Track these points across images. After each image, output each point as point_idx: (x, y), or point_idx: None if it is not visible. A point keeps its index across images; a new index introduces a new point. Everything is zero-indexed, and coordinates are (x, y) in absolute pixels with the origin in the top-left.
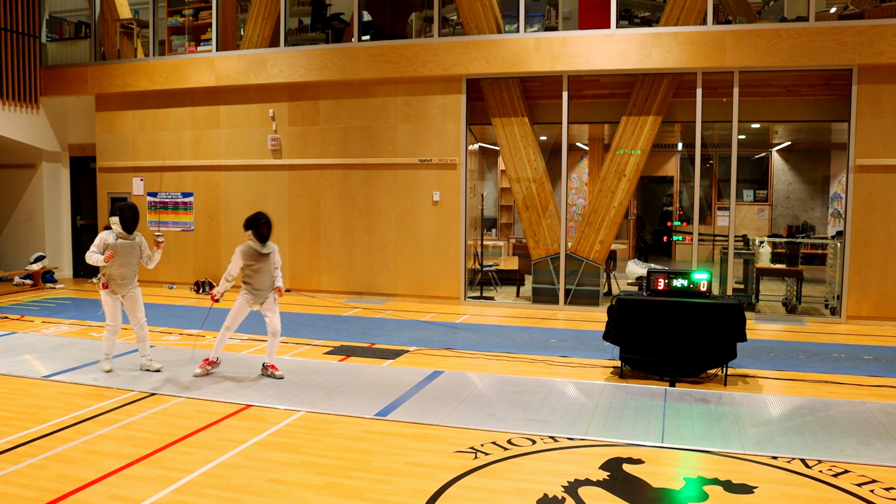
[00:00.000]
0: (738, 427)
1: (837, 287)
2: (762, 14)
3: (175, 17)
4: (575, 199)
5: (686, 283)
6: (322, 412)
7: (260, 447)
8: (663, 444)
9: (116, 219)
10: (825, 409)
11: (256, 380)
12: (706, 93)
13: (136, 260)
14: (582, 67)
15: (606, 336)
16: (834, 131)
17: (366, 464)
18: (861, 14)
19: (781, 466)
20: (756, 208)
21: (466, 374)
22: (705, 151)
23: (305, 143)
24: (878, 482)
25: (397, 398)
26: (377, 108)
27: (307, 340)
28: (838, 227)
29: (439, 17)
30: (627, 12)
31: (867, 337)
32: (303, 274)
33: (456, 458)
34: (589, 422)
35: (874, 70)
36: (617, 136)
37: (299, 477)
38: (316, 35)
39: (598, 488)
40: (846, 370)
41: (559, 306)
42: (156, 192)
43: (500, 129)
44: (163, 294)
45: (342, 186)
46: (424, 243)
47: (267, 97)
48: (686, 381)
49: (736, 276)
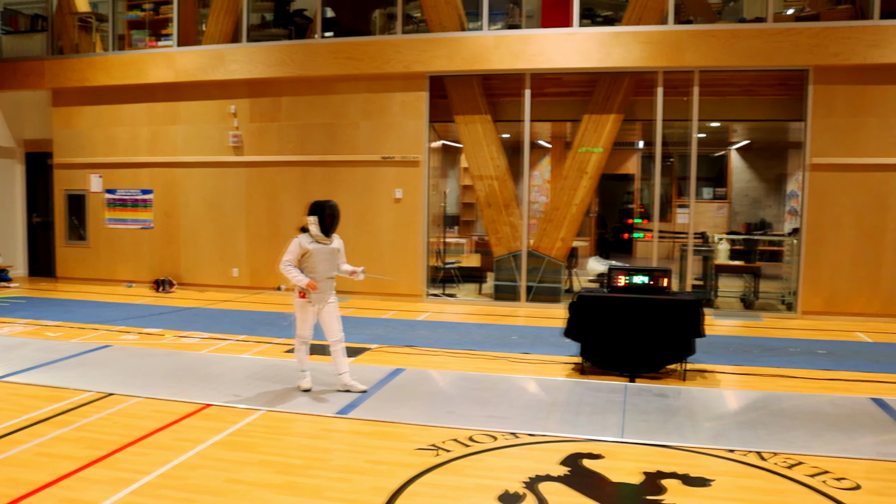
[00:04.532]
0: (696, 421)
1: (793, 283)
2: (721, 14)
3: (135, 11)
4: (537, 196)
5: (646, 280)
6: (282, 411)
7: (218, 447)
8: (622, 439)
9: (315, 219)
10: (779, 403)
11: (216, 378)
12: (666, 92)
13: (335, 267)
14: (544, 66)
15: (567, 333)
16: (790, 130)
17: (326, 462)
18: (816, 16)
19: (737, 459)
20: (715, 206)
21: (427, 371)
22: (665, 149)
23: (265, 139)
24: (830, 473)
25: (358, 396)
26: (339, 104)
27: (267, 339)
28: (794, 225)
29: (402, 14)
30: (589, 11)
31: (820, 331)
32: (262, 271)
33: (417, 455)
34: (549, 418)
35: (828, 71)
36: (578, 134)
37: (258, 476)
38: (278, 31)
39: (558, 483)
40: (800, 364)
41: (521, 303)
42: (115, 188)
43: (463, 127)
44: (121, 293)
45: (302, 184)
46: (386, 241)
47: (226, 93)
48: (645, 376)
49: (695, 272)
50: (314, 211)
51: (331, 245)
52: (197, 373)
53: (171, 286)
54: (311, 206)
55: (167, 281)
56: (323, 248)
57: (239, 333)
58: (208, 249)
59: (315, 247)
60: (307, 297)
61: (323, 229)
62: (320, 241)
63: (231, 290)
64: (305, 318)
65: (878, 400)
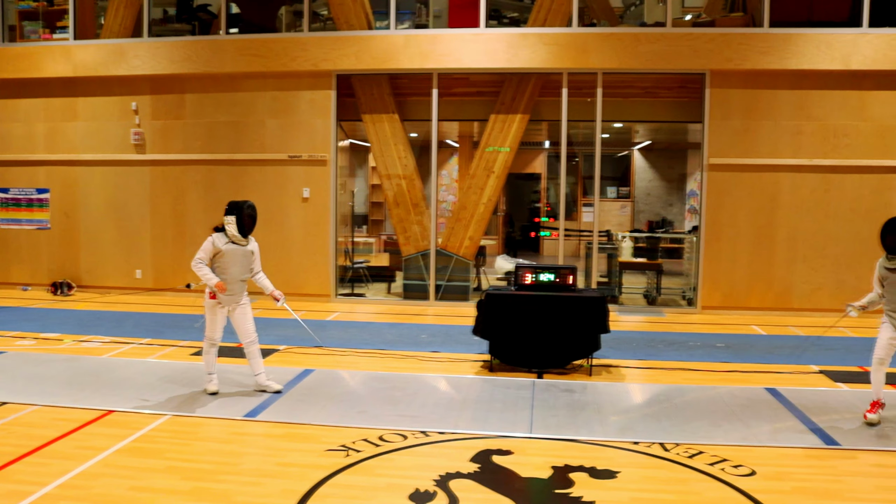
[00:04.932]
0: (602, 415)
1: (693, 279)
2: (624, 18)
3: (26, 0)
4: (445, 195)
5: (552, 278)
6: (189, 415)
7: (122, 454)
8: (531, 435)
9: (233, 218)
10: (681, 395)
11: (119, 384)
12: (571, 93)
13: (248, 270)
14: (451, 65)
15: (476, 330)
16: (690, 132)
17: (235, 466)
18: (712, 22)
19: (642, 451)
20: (619, 204)
21: (337, 371)
22: (571, 149)
23: (170, 138)
24: (728, 461)
25: (267, 398)
26: (245, 102)
27: (173, 342)
28: (694, 223)
29: (309, 12)
30: (496, 12)
31: (719, 325)
32: (167, 272)
33: (327, 456)
34: (459, 415)
35: (724, 75)
36: (486, 133)
37: (165, 483)
38: (181, 26)
39: (468, 480)
40: (700, 357)
41: (430, 302)
42: (7, 188)
43: (371, 126)
44: (16, 296)
45: (208, 183)
46: (294, 240)
47: (129, 89)
48: (553, 372)
49: (600, 269)
50: (232, 210)
51: (246, 247)
52: (99, 378)
53: (70, 289)
54: (228, 206)
55: (66, 283)
56: (237, 250)
57: (143, 336)
58: (111, 250)
59: (229, 247)
60: (217, 299)
61: (240, 229)
62: (237, 241)
63: (135, 291)
64: (215, 319)
65: (771, 390)
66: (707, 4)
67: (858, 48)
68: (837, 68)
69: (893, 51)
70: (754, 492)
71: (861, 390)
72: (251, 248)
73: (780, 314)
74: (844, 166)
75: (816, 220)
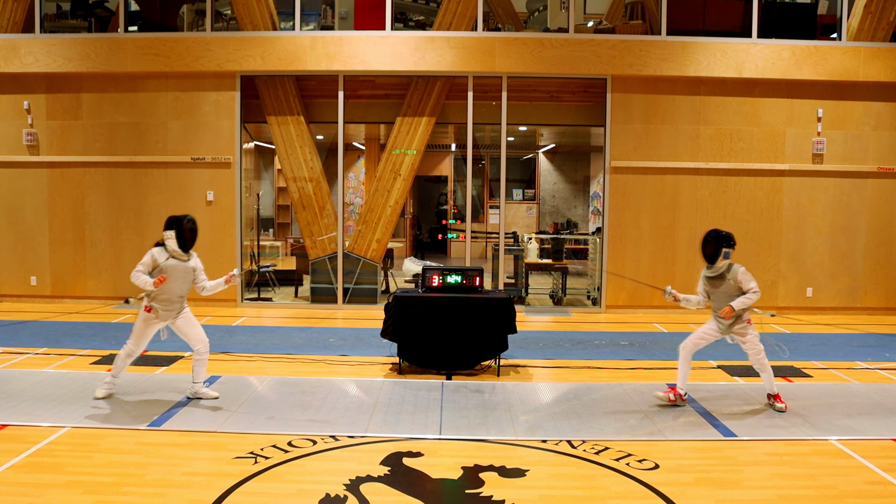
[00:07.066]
0: (511, 415)
1: (597, 279)
2: (528, 24)
3: None
4: (352, 198)
5: (459, 279)
6: (89, 426)
7: (17, 470)
8: (441, 436)
9: (173, 233)
10: (588, 393)
11: (13, 396)
12: (477, 96)
13: (188, 288)
14: (358, 67)
15: (384, 333)
16: (593, 135)
17: (139, 478)
18: (613, 29)
19: (550, 449)
20: (525, 206)
21: (245, 377)
22: (477, 152)
23: (67, 138)
24: (633, 455)
25: (172, 407)
26: (146, 103)
27: (72, 350)
28: (598, 224)
29: (212, 11)
30: (402, 15)
31: (623, 324)
32: (66, 279)
33: (235, 464)
34: (369, 419)
35: (625, 80)
36: (392, 136)
37: (65, 498)
38: (77, 23)
39: (379, 484)
40: (606, 356)
41: (338, 305)
42: None
43: (276, 128)
44: None
45: (109, 185)
46: (199, 244)
47: (22, 87)
48: (462, 373)
49: (507, 271)
50: (171, 225)
51: (188, 263)
52: None
53: None
54: (167, 221)
55: None
56: (178, 266)
57: (40, 346)
58: (5, 256)
59: (170, 263)
60: (153, 313)
61: (181, 244)
62: (177, 257)
63: (31, 299)
64: (144, 333)
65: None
66: (608, 12)
67: (750, 57)
68: (732, 76)
69: (781, 60)
70: (658, 484)
71: (756, 384)
72: (192, 264)
73: (681, 313)
74: (739, 169)
75: (715, 221)
